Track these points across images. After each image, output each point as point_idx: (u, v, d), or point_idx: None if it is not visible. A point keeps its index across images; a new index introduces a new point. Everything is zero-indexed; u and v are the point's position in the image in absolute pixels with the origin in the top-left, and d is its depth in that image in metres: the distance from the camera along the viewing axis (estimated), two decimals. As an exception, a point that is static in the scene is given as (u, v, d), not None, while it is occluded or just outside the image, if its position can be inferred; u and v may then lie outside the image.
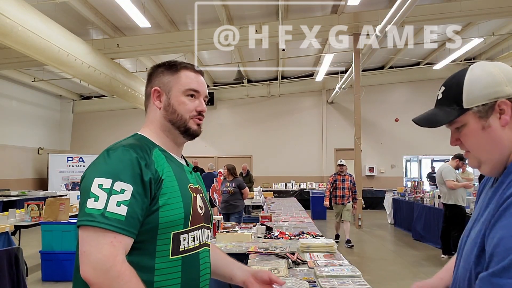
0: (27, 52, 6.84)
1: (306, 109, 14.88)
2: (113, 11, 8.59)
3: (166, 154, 1.12)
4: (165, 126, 1.16)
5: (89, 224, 0.91)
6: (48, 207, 4.99)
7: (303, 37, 9.67)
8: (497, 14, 8.68)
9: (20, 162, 13.00)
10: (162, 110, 1.16)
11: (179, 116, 1.15)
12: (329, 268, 2.37)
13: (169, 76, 1.16)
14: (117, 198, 0.94)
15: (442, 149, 13.75)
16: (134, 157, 1.00)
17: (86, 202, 0.94)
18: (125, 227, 0.93)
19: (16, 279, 2.98)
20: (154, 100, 1.17)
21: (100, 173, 0.97)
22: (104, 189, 0.94)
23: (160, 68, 1.20)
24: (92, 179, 0.96)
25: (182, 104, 1.15)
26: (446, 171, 5.95)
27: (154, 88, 1.17)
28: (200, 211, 1.14)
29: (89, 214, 0.92)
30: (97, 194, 0.93)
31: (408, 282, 4.79)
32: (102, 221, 0.91)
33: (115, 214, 0.93)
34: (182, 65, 1.19)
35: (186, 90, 1.15)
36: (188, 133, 1.17)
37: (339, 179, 7.17)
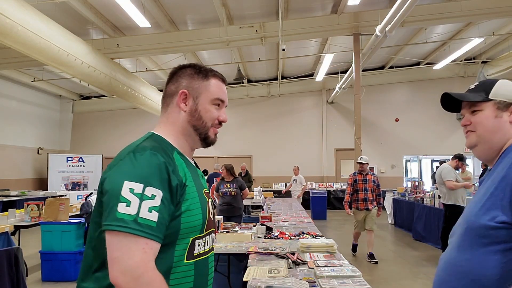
0: (27, 52, 6.83)
1: (306, 109, 14.88)
2: (113, 11, 8.59)
3: (184, 158, 1.12)
4: (187, 130, 1.16)
5: (122, 230, 0.90)
6: (48, 207, 4.98)
7: (303, 37, 9.70)
8: (497, 14, 8.68)
9: (20, 162, 13.00)
10: (187, 114, 1.15)
11: (203, 123, 1.15)
12: (329, 268, 2.37)
13: (200, 82, 1.16)
14: (149, 203, 0.93)
15: (442, 149, 13.79)
16: (162, 161, 0.99)
17: (116, 206, 0.91)
18: (156, 233, 0.93)
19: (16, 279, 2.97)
20: (180, 101, 1.15)
21: (130, 176, 0.94)
22: (135, 193, 0.92)
23: (188, 70, 1.18)
24: (121, 182, 0.93)
25: (209, 112, 1.16)
26: (446, 171, 5.94)
27: (182, 90, 1.15)
28: (211, 216, 1.16)
29: (121, 219, 0.90)
30: (129, 199, 0.92)
31: (408, 282, 4.80)
32: (135, 228, 0.90)
33: (148, 220, 0.92)
34: (212, 73, 1.19)
35: (214, 99, 1.17)
36: (206, 141, 1.19)
37: (360, 179, 6.02)
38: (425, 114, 14.26)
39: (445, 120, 14.22)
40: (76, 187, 13.37)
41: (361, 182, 6.01)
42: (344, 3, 8.62)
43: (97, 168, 13.85)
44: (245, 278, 2.25)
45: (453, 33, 10.98)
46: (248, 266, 2.51)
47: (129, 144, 1.08)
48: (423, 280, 4.96)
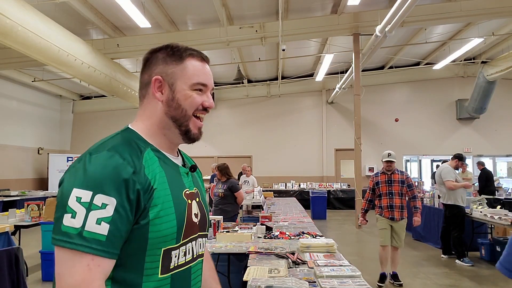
0: (27, 52, 6.84)
1: (306, 109, 14.89)
2: (113, 11, 8.60)
3: (160, 154, 0.99)
4: (165, 122, 1.01)
5: (64, 246, 0.80)
6: (48, 207, 4.99)
7: (303, 37, 9.71)
8: (497, 14, 8.69)
9: (20, 162, 13.00)
10: (164, 104, 1.00)
11: (183, 112, 1.00)
12: (329, 268, 2.37)
13: (173, 65, 1.01)
14: (98, 214, 0.81)
15: (442, 149, 13.79)
16: (120, 163, 0.86)
17: (62, 218, 0.81)
18: (105, 248, 0.81)
19: (16, 279, 2.97)
20: (155, 91, 1.01)
21: (79, 183, 0.83)
22: (82, 203, 0.81)
23: (160, 53, 1.03)
24: (70, 190, 0.83)
25: (189, 99, 1.00)
26: (446, 171, 5.95)
27: (156, 77, 1.00)
28: (195, 219, 1.02)
29: (65, 233, 0.80)
30: (75, 209, 0.81)
31: (408, 282, 4.80)
32: (79, 243, 0.79)
33: (95, 234, 0.80)
34: (188, 52, 1.03)
35: (194, 84, 1.01)
36: (188, 136, 1.03)
37: (383, 180, 4.77)
38: (425, 114, 14.27)
39: (445, 120, 14.23)
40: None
41: (384, 185, 4.74)
42: (344, 3, 8.63)
43: (97, 168, 13.84)
44: (245, 278, 2.25)
45: (453, 33, 10.99)
46: (248, 266, 2.51)
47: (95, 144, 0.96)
48: (423, 280, 4.97)
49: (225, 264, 3.55)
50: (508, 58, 10.65)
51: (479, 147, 13.88)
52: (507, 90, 13.86)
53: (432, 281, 4.91)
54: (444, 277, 5.10)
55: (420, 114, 14.29)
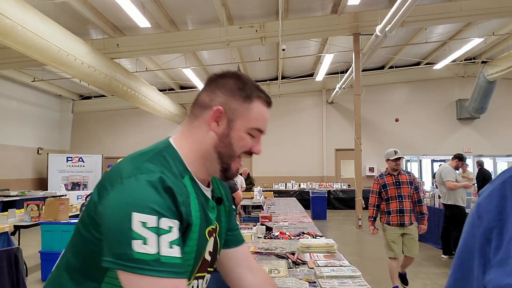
0: (27, 52, 6.83)
1: (306, 109, 14.88)
2: (113, 11, 8.59)
3: (195, 186, 0.94)
4: (210, 155, 0.97)
5: (144, 274, 0.76)
6: (47, 207, 4.98)
7: (303, 37, 9.70)
8: (497, 14, 8.69)
9: (20, 162, 13.00)
10: (216, 136, 0.96)
11: (232, 151, 0.97)
12: (329, 268, 2.37)
13: (240, 102, 0.96)
14: (167, 238, 0.79)
15: (442, 149, 13.79)
16: (174, 188, 0.84)
17: (130, 244, 0.77)
18: (182, 269, 0.80)
19: (16, 280, 2.96)
20: (212, 119, 0.95)
21: (138, 207, 0.79)
22: (150, 228, 0.78)
23: (231, 81, 0.98)
24: (128, 214, 0.78)
25: (242, 141, 0.97)
26: (446, 171, 5.95)
27: (218, 108, 0.95)
28: (208, 257, 0.99)
29: (141, 260, 0.76)
30: (144, 235, 0.77)
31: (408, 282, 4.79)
32: (159, 269, 0.77)
33: (171, 258, 0.78)
34: (257, 94, 0.98)
35: (251, 128, 0.97)
36: (225, 174, 0.99)
37: (391, 182, 4.27)
38: (425, 114, 14.27)
39: (445, 120, 14.23)
40: (76, 187, 13.37)
41: (392, 187, 4.24)
42: (344, 3, 8.62)
43: (97, 168, 13.85)
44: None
45: (453, 33, 10.98)
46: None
47: (137, 155, 0.91)
48: (423, 280, 4.96)
49: (225, 264, 3.54)
50: (508, 58, 10.65)
51: (479, 147, 13.88)
52: (508, 90, 13.86)
53: (433, 281, 4.90)
54: (444, 277, 5.09)
55: (420, 114, 14.29)
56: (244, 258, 1.17)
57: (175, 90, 15.08)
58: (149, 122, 15.26)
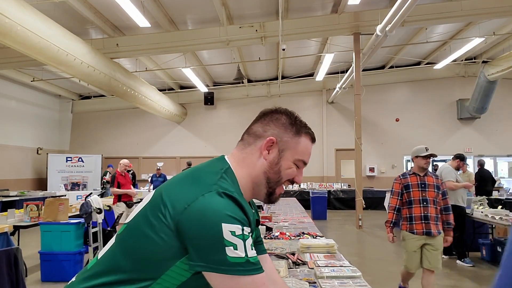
0: (26, 51, 6.82)
1: (307, 109, 14.87)
2: (112, 10, 8.58)
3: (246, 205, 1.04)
4: (259, 179, 1.10)
5: (242, 274, 0.92)
6: (47, 207, 4.97)
7: (303, 36, 9.69)
8: (498, 14, 8.67)
9: (19, 162, 12.99)
10: (267, 163, 1.09)
11: (279, 178, 1.10)
12: (330, 269, 2.35)
13: (290, 136, 1.11)
14: (249, 242, 0.95)
15: (443, 149, 13.75)
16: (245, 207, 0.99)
17: (223, 250, 0.91)
18: (260, 265, 0.96)
19: (15, 280, 2.95)
20: (264, 148, 1.09)
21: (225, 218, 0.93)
22: (237, 236, 0.93)
23: (283, 117, 1.13)
24: (219, 225, 0.92)
25: (289, 169, 1.10)
26: (446, 171, 5.93)
27: (271, 138, 1.09)
28: None
29: (236, 263, 0.92)
30: (234, 242, 0.92)
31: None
32: (251, 268, 0.93)
33: (254, 258, 0.95)
34: (305, 130, 1.14)
35: (298, 160, 1.11)
36: (270, 198, 1.13)
37: (415, 184, 3.71)
38: (426, 114, 14.26)
39: (446, 120, 14.22)
40: (76, 187, 13.36)
41: (416, 189, 3.68)
42: (344, 3, 8.61)
43: (97, 168, 13.84)
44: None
45: (453, 33, 10.97)
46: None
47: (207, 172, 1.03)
48: (423, 280, 4.94)
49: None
50: (509, 57, 10.63)
51: (480, 147, 13.87)
52: (508, 90, 13.85)
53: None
54: (444, 277, 5.07)
55: (421, 114, 14.28)
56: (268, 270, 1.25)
57: (174, 90, 15.07)
58: (149, 122, 15.25)
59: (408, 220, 3.71)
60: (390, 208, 3.82)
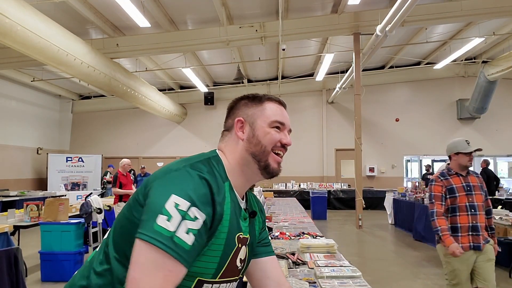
0: (26, 51, 6.82)
1: (306, 109, 14.87)
2: (112, 10, 8.58)
3: (232, 193, 1.04)
4: (245, 159, 1.08)
5: (155, 244, 0.83)
6: (47, 207, 4.97)
7: (303, 36, 9.69)
8: (498, 14, 8.67)
9: (19, 162, 12.99)
10: (245, 141, 1.09)
11: (262, 147, 1.07)
12: (330, 269, 2.35)
13: (254, 108, 1.12)
14: (189, 224, 0.86)
15: (443, 149, 13.74)
16: (215, 189, 0.95)
17: (156, 218, 0.85)
18: (187, 257, 0.86)
19: (16, 280, 2.95)
20: (237, 130, 1.10)
21: (179, 191, 0.88)
22: (179, 210, 0.86)
23: (242, 100, 1.15)
24: (168, 194, 0.88)
25: (268, 134, 1.08)
26: (447, 171, 5.92)
27: (238, 119, 1.11)
28: (239, 264, 1.07)
29: (158, 232, 0.84)
30: (171, 213, 0.85)
31: (408, 283, 4.78)
32: (169, 246, 0.83)
33: (182, 241, 0.85)
34: (266, 97, 1.14)
35: (271, 122, 1.10)
36: (267, 170, 1.08)
37: (460, 186, 3.05)
38: (426, 114, 14.26)
39: (446, 120, 14.22)
40: (76, 187, 13.36)
41: (463, 193, 2.99)
42: (344, 3, 8.61)
43: (97, 168, 13.84)
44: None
45: (453, 33, 10.97)
46: (248, 267, 2.49)
47: (189, 157, 1.03)
48: (423, 280, 4.94)
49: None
50: (509, 57, 10.63)
51: (480, 147, 13.85)
52: (508, 90, 13.85)
53: (433, 281, 4.88)
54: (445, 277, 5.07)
55: (421, 114, 14.28)
56: (274, 272, 1.24)
57: (174, 90, 15.07)
58: (149, 122, 15.26)
59: (454, 231, 2.98)
60: (438, 215, 3.00)
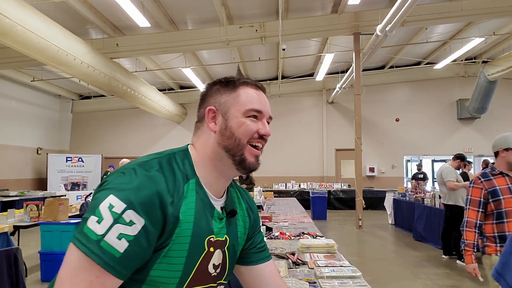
0: (26, 51, 6.82)
1: (307, 109, 14.87)
2: (112, 10, 8.58)
3: (200, 190, 0.93)
4: (217, 153, 0.96)
5: (79, 247, 0.76)
6: (47, 207, 4.96)
7: (303, 36, 9.68)
8: (498, 14, 8.67)
9: (19, 162, 12.98)
10: (218, 134, 0.97)
11: (237, 140, 0.95)
12: (330, 269, 2.35)
13: (227, 94, 0.98)
14: (121, 229, 0.77)
15: (443, 149, 13.78)
16: (163, 188, 0.84)
17: (89, 218, 0.78)
18: (116, 265, 0.77)
19: (15, 280, 2.95)
20: (209, 121, 0.98)
21: (117, 191, 0.80)
22: (112, 212, 0.78)
23: (215, 85, 1.02)
24: (107, 194, 0.80)
25: (242, 126, 0.96)
26: (446, 171, 5.93)
27: (209, 108, 0.98)
28: (212, 270, 0.96)
29: (85, 234, 0.77)
30: (103, 215, 0.77)
31: (408, 283, 4.78)
32: (94, 251, 0.75)
33: (111, 247, 0.76)
34: (241, 81, 1.01)
35: (247, 111, 0.97)
36: (243, 165, 0.96)
37: (505, 188, 2.51)
38: (426, 114, 14.25)
39: (446, 120, 14.21)
40: (76, 187, 13.36)
41: (508, 195, 2.49)
42: (344, 3, 8.61)
43: (97, 168, 13.84)
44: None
45: (453, 33, 10.97)
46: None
47: (152, 154, 0.95)
48: (423, 280, 4.94)
49: (224, 265, 3.53)
50: (509, 57, 10.63)
51: (480, 147, 13.86)
52: (508, 90, 13.85)
53: (433, 281, 4.88)
54: (445, 277, 5.08)
55: (421, 114, 14.28)
56: (272, 277, 1.14)
57: (174, 90, 15.07)
58: (149, 122, 15.26)
59: (496, 240, 2.56)
60: (469, 225, 2.64)
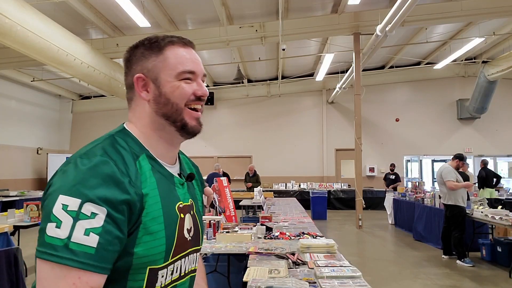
0: (26, 51, 6.82)
1: (306, 109, 14.87)
2: (112, 10, 8.58)
3: (154, 162, 0.89)
4: (157, 123, 0.91)
5: (48, 259, 0.71)
6: (47, 207, 4.96)
7: (303, 36, 9.69)
8: (498, 14, 8.67)
9: (19, 162, 12.98)
10: (152, 102, 0.91)
11: (174, 106, 0.90)
12: (330, 269, 2.35)
13: (153, 58, 0.91)
14: (86, 224, 0.72)
15: (443, 149, 13.77)
16: (114, 171, 0.78)
17: (46, 227, 0.72)
18: (95, 262, 0.72)
19: (15, 280, 2.95)
20: (140, 91, 0.91)
21: (66, 189, 0.73)
22: (69, 212, 0.72)
23: (138, 49, 0.93)
24: (56, 197, 0.73)
25: (177, 90, 0.90)
26: (446, 171, 5.93)
27: (137, 76, 0.91)
28: (187, 235, 0.93)
29: (49, 244, 0.71)
30: (60, 218, 0.71)
31: (408, 283, 4.78)
32: (65, 256, 0.70)
33: (83, 246, 0.71)
34: (166, 41, 0.93)
35: (178, 74, 0.90)
36: (185, 130, 0.93)
37: None
38: (426, 114, 14.25)
39: (446, 120, 14.21)
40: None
41: None
42: (344, 3, 8.61)
43: (97, 168, 13.82)
44: (245, 278, 2.23)
45: (453, 33, 10.97)
46: (248, 267, 2.49)
47: (88, 144, 0.87)
48: (423, 280, 4.94)
49: (225, 265, 3.53)
50: (509, 57, 10.63)
51: (480, 147, 13.86)
52: (508, 90, 13.84)
53: (433, 281, 4.88)
54: (445, 277, 5.08)
55: (421, 114, 14.28)
56: None
57: (175, 90, 15.06)
58: (149, 122, 15.25)
59: None
60: None
